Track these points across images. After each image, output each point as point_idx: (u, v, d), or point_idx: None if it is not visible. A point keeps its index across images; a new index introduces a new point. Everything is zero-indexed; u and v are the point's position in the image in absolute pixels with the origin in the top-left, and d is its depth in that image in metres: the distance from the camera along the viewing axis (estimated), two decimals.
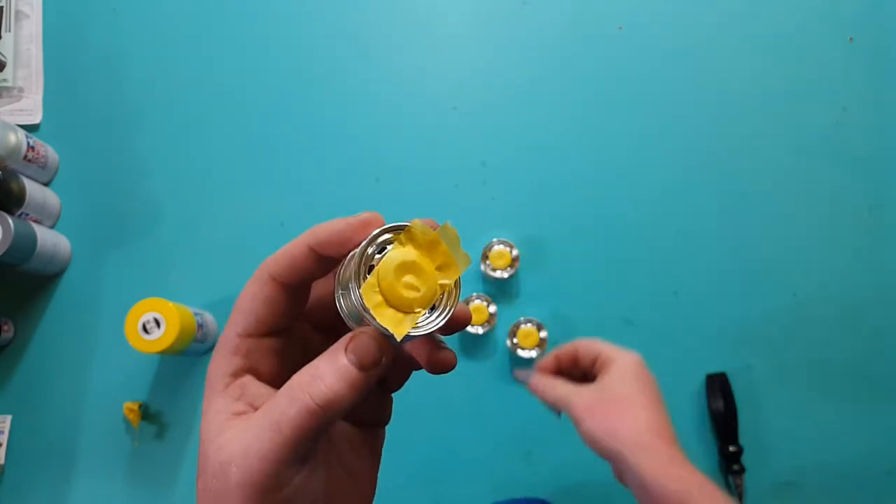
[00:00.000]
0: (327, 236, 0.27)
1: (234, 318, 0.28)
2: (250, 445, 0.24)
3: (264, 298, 0.27)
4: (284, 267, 0.27)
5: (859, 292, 0.75)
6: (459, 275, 0.27)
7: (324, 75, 0.79)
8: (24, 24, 0.79)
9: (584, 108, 0.79)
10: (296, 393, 0.25)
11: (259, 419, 0.25)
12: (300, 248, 0.27)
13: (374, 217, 0.27)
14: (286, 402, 0.25)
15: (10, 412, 0.72)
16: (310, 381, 0.25)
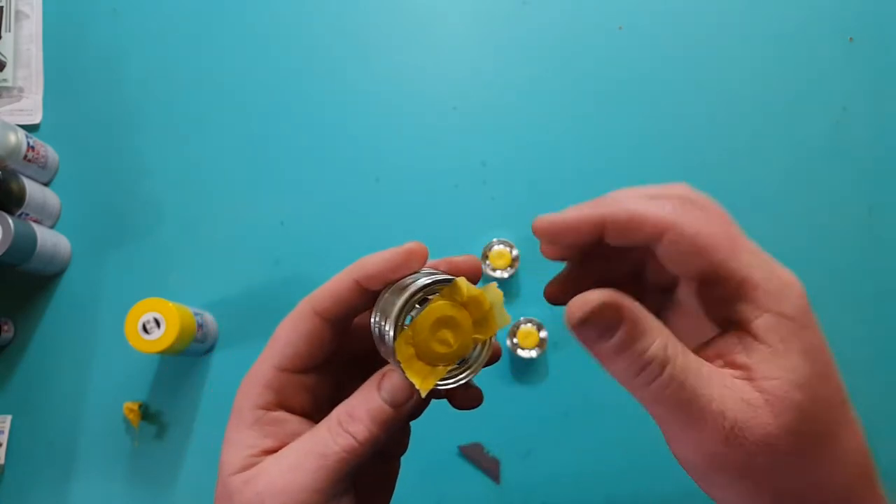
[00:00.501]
0: (374, 270, 0.27)
1: (272, 349, 0.28)
2: (293, 479, 0.24)
3: (306, 333, 0.27)
4: (330, 302, 0.27)
5: (859, 292, 0.75)
6: (494, 334, 0.27)
7: (324, 75, 0.79)
8: (24, 24, 0.79)
9: (584, 108, 0.79)
10: (339, 429, 0.25)
11: (301, 453, 0.25)
12: (346, 283, 0.27)
13: (418, 246, 0.27)
14: (330, 437, 0.25)
15: (10, 412, 0.72)
16: (348, 419, 0.26)
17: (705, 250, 0.24)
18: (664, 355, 0.22)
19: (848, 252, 0.76)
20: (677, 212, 0.25)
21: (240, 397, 0.27)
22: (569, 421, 0.72)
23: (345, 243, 0.75)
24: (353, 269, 0.27)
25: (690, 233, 0.24)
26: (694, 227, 0.24)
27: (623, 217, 0.25)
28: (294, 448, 0.26)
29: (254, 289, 0.74)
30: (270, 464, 0.25)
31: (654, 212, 0.25)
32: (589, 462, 0.71)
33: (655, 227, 0.24)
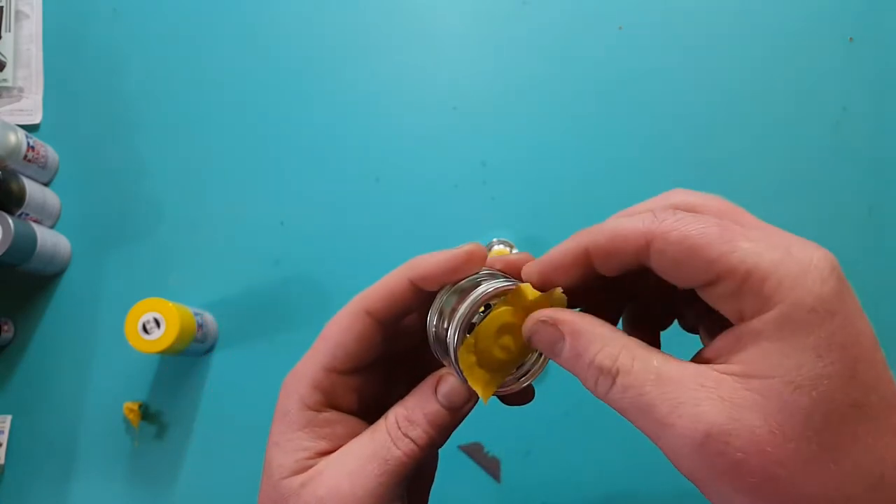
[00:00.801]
0: (430, 270, 0.26)
1: (321, 349, 0.27)
2: (357, 484, 0.24)
3: (357, 334, 0.27)
4: (382, 302, 0.27)
5: (859, 292, 0.75)
6: None
7: (324, 75, 0.79)
8: (24, 24, 0.79)
9: (584, 108, 0.79)
10: (399, 433, 0.25)
11: (362, 458, 0.25)
12: (400, 283, 0.26)
13: (477, 248, 0.26)
14: (391, 442, 0.25)
15: (10, 412, 0.72)
16: (408, 424, 0.26)
17: (697, 250, 0.21)
18: (612, 365, 0.21)
19: (848, 252, 0.76)
20: (659, 219, 0.22)
21: (285, 398, 0.27)
22: (569, 421, 0.72)
23: (345, 243, 0.75)
24: (407, 268, 0.27)
25: (676, 237, 0.21)
26: (680, 230, 0.22)
27: (603, 240, 0.23)
28: (353, 451, 0.25)
29: (254, 289, 0.74)
30: (330, 467, 0.25)
31: (633, 226, 0.22)
32: (589, 462, 0.71)
33: (637, 241, 0.22)
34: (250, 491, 0.72)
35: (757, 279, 0.20)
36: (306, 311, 0.73)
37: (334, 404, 0.27)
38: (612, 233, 0.23)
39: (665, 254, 0.21)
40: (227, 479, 0.71)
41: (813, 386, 0.19)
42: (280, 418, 0.26)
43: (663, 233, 0.22)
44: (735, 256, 0.20)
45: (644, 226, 0.22)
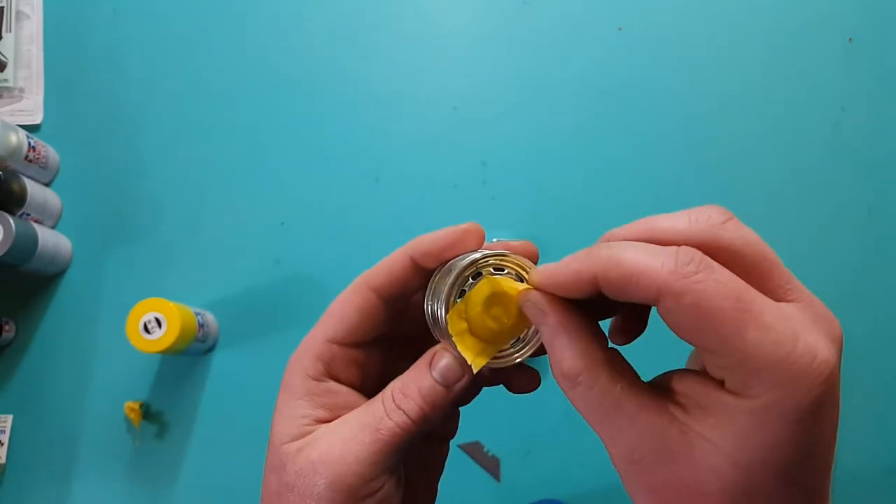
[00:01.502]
0: (430, 247, 0.27)
1: (325, 322, 0.28)
2: (348, 450, 0.25)
3: (359, 308, 0.28)
4: (385, 279, 0.27)
5: (859, 292, 0.75)
6: None
7: (324, 75, 0.79)
8: (24, 25, 0.79)
9: (584, 109, 0.79)
10: (392, 405, 0.26)
11: (356, 426, 0.26)
12: (401, 260, 0.27)
13: (475, 226, 0.27)
14: (384, 413, 0.26)
15: (11, 412, 0.72)
16: (402, 397, 0.26)
17: (705, 323, 0.20)
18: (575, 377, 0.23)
19: (848, 252, 0.76)
20: (678, 272, 0.21)
21: (290, 370, 0.28)
22: (569, 421, 0.72)
23: (345, 243, 0.75)
24: (408, 245, 0.27)
25: (689, 302, 0.20)
26: (693, 296, 0.20)
27: (615, 276, 0.22)
28: (349, 421, 0.26)
29: (254, 288, 0.75)
30: (325, 433, 0.26)
31: (649, 271, 0.21)
32: (589, 462, 0.71)
33: (649, 289, 0.21)
34: (250, 490, 0.72)
35: (751, 369, 0.20)
36: (306, 311, 0.73)
37: (335, 376, 0.28)
38: (626, 272, 0.21)
39: (673, 313, 0.21)
40: (228, 479, 0.71)
41: (749, 469, 0.20)
42: (283, 388, 0.27)
43: (677, 293, 0.21)
44: (739, 342, 0.20)
45: (660, 276, 0.21)
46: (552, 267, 0.24)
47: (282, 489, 0.25)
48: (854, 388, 0.74)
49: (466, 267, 0.26)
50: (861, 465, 0.72)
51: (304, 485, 0.25)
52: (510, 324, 0.26)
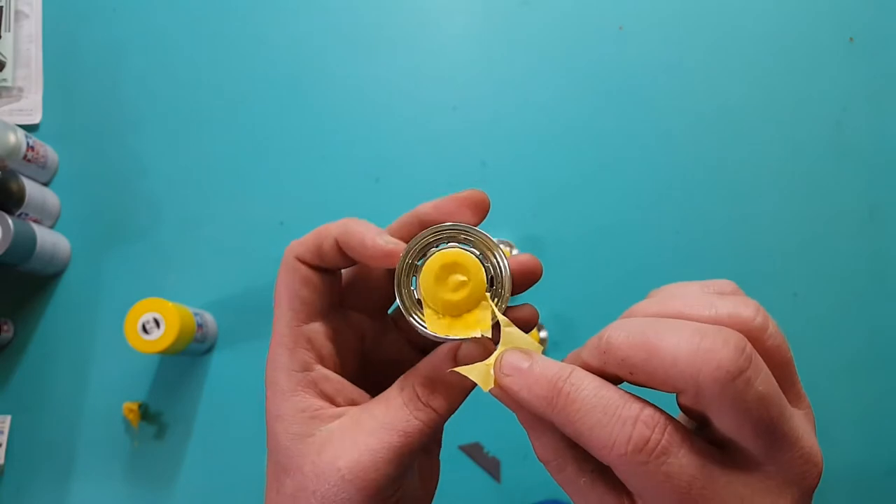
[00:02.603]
0: (352, 241, 0.26)
1: (279, 311, 0.27)
2: (377, 456, 0.24)
3: (301, 280, 0.27)
4: (311, 254, 0.27)
5: (859, 292, 0.75)
6: (495, 249, 0.27)
7: (323, 75, 0.79)
8: (23, 24, 0.79)
9: (584, 109, 0.79)
10: (418, 403, 0.25)
11: (377, 427, 0.25)
12: (328, 240, 0.27)
13: (397, 248, 0.26)
14: (409, 411, 0.25)
15: (9, 412, 0.72)
16: (428, 393, 0.25)
17: (750, 429, 0.21)
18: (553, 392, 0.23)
19: (848, 252, 0.76)
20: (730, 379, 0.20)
21: (272, 367, 0.27)
22: None
23: None
24: (338, 226, 0.27)
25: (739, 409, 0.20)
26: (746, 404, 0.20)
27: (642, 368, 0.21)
28: (368, 421, 0.25)
29: (253, 289, 0.74)
30: (341, 434, 0.25)
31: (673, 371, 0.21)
32: None
33: (674, 387, 0.21)
34: (250, 490, 0.72)
35: None
36: None
37: (321, 358, 0.27)
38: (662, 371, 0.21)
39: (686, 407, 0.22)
40: (227, 479, 0.71)
41: None
42: (272, 391, 0.27)
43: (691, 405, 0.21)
44: (776, 452, 0.21)
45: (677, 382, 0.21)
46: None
47: (299, 492, 0.24)
48: (854, 388, 0.74)
49: (405, 261, 0.26)
50: (861, 465, 0.72)
51: (329, 490, 0.24)
52: (473, 284, 0.26)
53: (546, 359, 0.24)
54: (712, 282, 0.25)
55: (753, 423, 0.20)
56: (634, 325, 0.22)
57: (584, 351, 0.24)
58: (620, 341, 0.22)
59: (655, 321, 0.22)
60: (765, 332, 0.22)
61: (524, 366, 0.23)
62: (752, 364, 0.20)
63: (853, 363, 0.74)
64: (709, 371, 0.20)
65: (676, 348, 0.20)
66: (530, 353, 0.24)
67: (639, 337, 0.21)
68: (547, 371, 0.23)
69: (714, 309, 0.22)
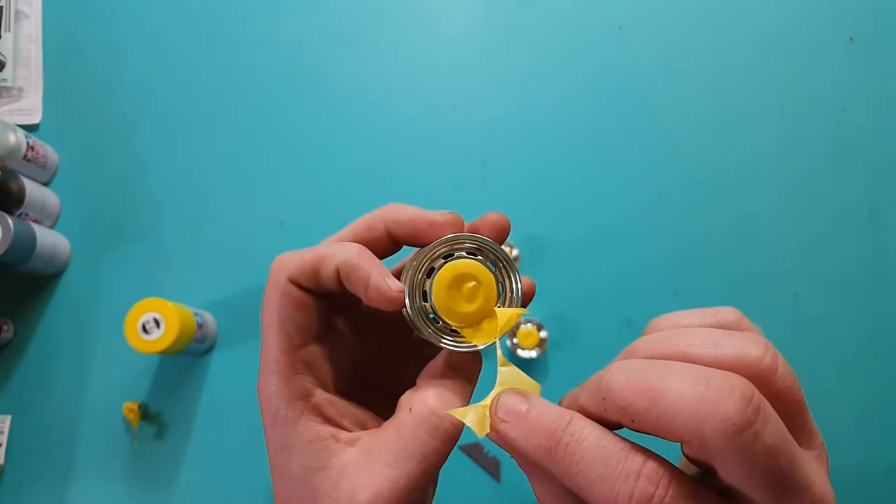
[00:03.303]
0: (355, 279, 0.25)
1: (271, 335, 0.25)
2: (393, 479, 0.24)
3: (294, 304, 0.25)
4: (308, 280, 0.25)
5: (859, 292, 0.75)
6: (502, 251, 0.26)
7: (323, 75, 0.79)
8: (23, 24, 0.79)
9: (584, 109, 0.79)
10: (437, 422, 0.25)
11: (395, 458, 0.24)
12: (328, 268, 0.25)
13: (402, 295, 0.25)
14: (427, 434, 0.24)
15: (9, 412, 0.72)
16: (437, 405, 0.25)
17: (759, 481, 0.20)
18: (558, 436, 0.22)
19: (848, 252, 0.76)
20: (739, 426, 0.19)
21: (268, 397, 0.25)
22: None
23: None
24: (342, 256, 0.25)
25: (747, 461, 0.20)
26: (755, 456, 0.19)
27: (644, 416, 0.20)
28: (382, 453, 0.24)
29: (253, 289, 0.74)
30: (357, 465, 0.24)
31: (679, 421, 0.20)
32: None
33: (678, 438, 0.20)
34: (250, 490, 0.72)
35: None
36: None
37: (321, 382, 0.26)
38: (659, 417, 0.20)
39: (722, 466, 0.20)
40: (227, 479, 0.71)
41: None
42: (273, 420, 0.25)
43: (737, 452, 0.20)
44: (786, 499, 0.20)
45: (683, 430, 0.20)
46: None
47: None
48: (854, 388, 0.74)
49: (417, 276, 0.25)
50: (861, 465, 0.72)
51: None
52: (485, 291, 0.26)
53: (544, 402, 0.22)
54: (715, 310, 0.23)
55: (762, 475, 0.19)
56: (636, 370, 0.21)
57: (583, 394, 0.22)
58: (622, 387, 0.21)
59: (657, 364, 0.21)
60: (774, 374, 0.21)
61: (522, 409, 0.22)
62: (759, 415, 0.19)
63: (853, 363, 0.74)
64: (714, 424, 0.19)
65: (680, 398, 0.19)
66: (528, 395, 0.23)
67: (640, 383, 0.20)
68: (545, 418, 0.22)
69: (719, 348, 0.21)
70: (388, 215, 0.26)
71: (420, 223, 0.26)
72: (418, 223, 0.26)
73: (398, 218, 0.26)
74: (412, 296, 0.25)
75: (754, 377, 0.20)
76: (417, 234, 0.26)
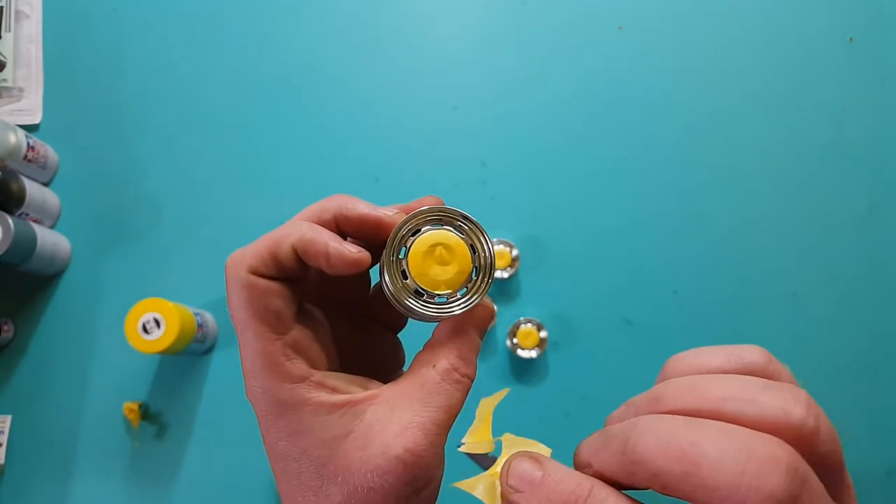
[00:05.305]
0: (312, 251, 0.25)
1: (249, 331, 0.25)
2: (426, 428, 0.24)
3: (263, 293, 0.25)
4: (266, 265, 0.25)
5: (859, 292, 0.75)
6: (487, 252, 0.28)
7: (323, 75, 0.79)
8: (24, 24, 0.79)
9: (584, 108, 0.79)
10: (456, 375, 0.26)
11: (424, 410, 0.25)
12: (284, 249, 0.25)
13: (363, 256, 0.25)
14: (450, 386, 0.25)
15: (10, 412, 0.72)
16: (463, 364, 0.26)
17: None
18: None
19: (848, 252, 0.76)
20: None
21: (263, 394, 0.25)
22: (569, 421, 0.72)
23: None
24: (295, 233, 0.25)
25: None
26: None
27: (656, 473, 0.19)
28: (407, 405, 0.24)
29: None
30: (387, 424, 0.24)
31: None
32: None
33: None
34: (250, 490, 0.72)
35: None
36: None
37: (312, 362, 0.26)
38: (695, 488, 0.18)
39: None
40: (227, 479, 0.71)
41: None
42: (276, 415, 0.25)
43: None
44: None
45: None
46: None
47: (352, 496, 0.23)
48: (854, 387, 0.74)
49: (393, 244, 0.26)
50: (861, 465, 0.72)
51: (387, 479, 0.23)
52: (459, 257, 0.27)
53: (560, 468, 0.21)
54: (740, 350, 0.22)
55: None
56: (667, 431, 0.19)
57: (605, 454, 0.21)
58: (653, 453, 0.19)
59: (691, 425, 0.19)
60: (817, 437, 0.19)
61: (536, 477, 0.21)
62: (804, 488, 0.17)
63: (853, 363, 0.74)
64: (758, 500, 0.17)
65: (719, 467, 0.18)
66: (541, 459, 0.21)
67: (674, 449, 0.18)
68: (562, 487, 0.20)
69: (759, 407, 0.19)
70: (339, 208, 0.26)
71: (369, 220, 0.26)
72: (368, 220, 0.26)
73: (348, 214, 0.26)
74: (393, 278, 0.26)
75: (796, 441, 0.18)
76: (365, 231, 0.26)
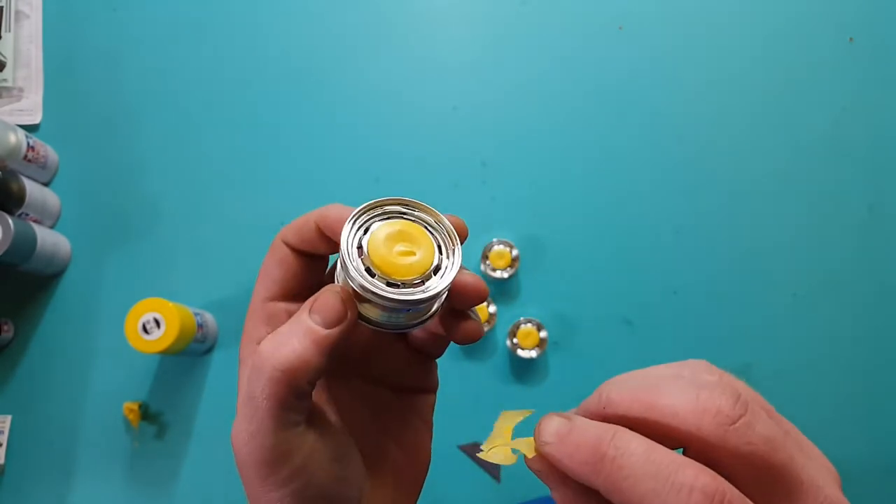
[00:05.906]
0: (328, 221, 0.27)
1: (258, 286, 0.30)
2: (239, 427, 0.27)
3: (279, 261, 0.29)
4: (294, 237, 0.29)
5: (859, 292, 0.75)
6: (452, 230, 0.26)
7: (323, 75, 0.79)
8: (24, 24, 0.79)
9: (584, 108, 0.79)
10: (259, 365, 0.25)
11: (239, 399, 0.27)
12: (309, 224, 0.28)
13: None
14: (253, 377, 0.26)
15: (10, 412, 0.72)
16: (272, 349, 0.25)
17: None
18: None
19: (848, 252, 0.76)
20: None
21: (245, 341, 0.30)
22: None
23: None
24: (318, 212, 0.28)
25: None
26: None
27: None
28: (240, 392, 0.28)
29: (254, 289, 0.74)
30: None
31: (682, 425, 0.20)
32: None
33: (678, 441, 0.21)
34: None
35: None
36: None
37: None
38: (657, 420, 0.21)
39: None
40: (227, 480, 0.71)
41: None
42: (250, 349, 0.29)
43: None
44: None
45: None
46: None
47: None
48: (854, 387, 0.74)
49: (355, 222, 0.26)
50: (861, 464, 0.72)
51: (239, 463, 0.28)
52: (423, 248, 0.25)
53: (584, 419, 0.22)
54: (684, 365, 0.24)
55: (766, 468, 0.19)
56: (631, 382, 0.22)
57: (580, 411, 0.23)
58: (622, 396, 0.22)
59: (649, 378, 0.22)
60: (733, 431, 0.21)
61: (565, 430, 0.22)
62: (749, 408, 0.20)
63: (853, 362, 0.74)
64: (710, 418, 0.20)
65: (674, 401, 0.21)
66: (568, 415, 0.23)
67: (638, 392, 0.22)
68: (588, 434, 0.21)
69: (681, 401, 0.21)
70: (320, 213, 0.28)
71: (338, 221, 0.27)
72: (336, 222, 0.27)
73: (324, 220, 0.28)
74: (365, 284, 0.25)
75: (715, 432, 0.20)
76: (337, 232, 0.27)
